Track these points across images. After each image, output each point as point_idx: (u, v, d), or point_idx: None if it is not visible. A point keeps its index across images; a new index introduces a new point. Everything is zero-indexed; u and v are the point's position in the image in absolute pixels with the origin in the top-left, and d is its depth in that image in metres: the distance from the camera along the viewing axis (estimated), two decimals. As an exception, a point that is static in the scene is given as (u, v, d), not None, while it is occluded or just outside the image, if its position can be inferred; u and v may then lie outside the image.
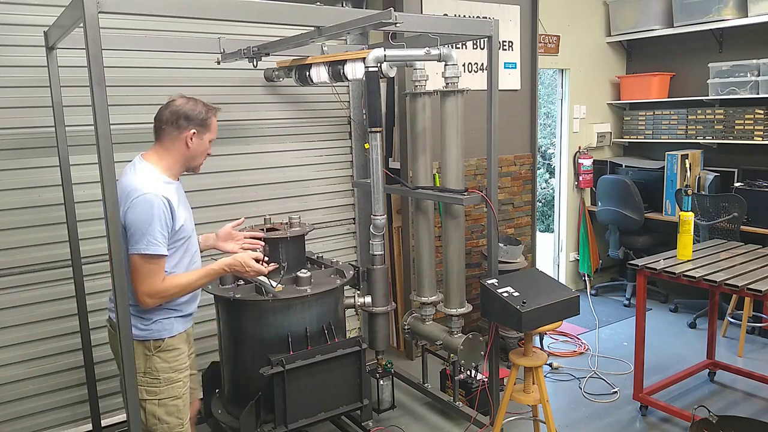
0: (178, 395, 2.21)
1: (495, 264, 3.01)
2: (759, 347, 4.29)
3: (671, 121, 5.21)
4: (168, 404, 2.18)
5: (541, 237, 5.78)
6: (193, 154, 2.22)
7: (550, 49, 5.01)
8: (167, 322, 2.19)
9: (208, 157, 2.34)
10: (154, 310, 2.15)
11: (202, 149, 2.24)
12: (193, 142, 2.19)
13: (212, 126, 2.25)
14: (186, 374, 2.26)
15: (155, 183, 2.10)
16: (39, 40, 2.75)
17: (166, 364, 2.18)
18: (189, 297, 2.27)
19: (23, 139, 2.97)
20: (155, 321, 2.15)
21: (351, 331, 3.98)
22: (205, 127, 2.22)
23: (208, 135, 2.24)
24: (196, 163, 2.27)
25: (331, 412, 2.73)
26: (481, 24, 2.81)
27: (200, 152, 2.24)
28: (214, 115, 2.26)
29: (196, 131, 2.19)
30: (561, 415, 3.41)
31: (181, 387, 2.22)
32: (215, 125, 2.27)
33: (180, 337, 2.24)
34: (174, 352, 2.20)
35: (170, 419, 2.19)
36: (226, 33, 3.22)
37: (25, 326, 3.04)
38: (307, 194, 3.96)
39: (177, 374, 2.21)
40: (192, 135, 2.18)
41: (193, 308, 2.33)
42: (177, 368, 2.21)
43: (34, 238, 3.04)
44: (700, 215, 4.51)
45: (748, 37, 4.74)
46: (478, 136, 3.76)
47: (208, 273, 2.22)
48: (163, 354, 2.17)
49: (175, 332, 2.21)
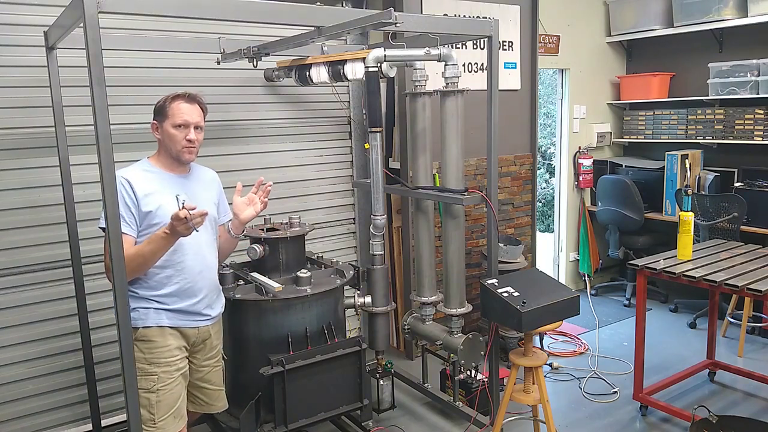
0: (149, 388, 2.18)
1: (495, 264, 3.01)
2: (759, 347, 4.29)
3: (671, 121, 5.21)
4: (140, 395, 2.12)
5: (541, 237, 5.78)
6: (165, 143, 2.30)
7: (550, 49, 5.01)
8: (143, 311, 2.20)
9: (208, 156, 2.37)
10: (134, 299, 2.18)
11: (170, 136, 2.27)
12: (159, 133, 2.30)
13: (170, 111, 2.26)
14: (166, 370, 2.23)
15: (128, 168, 2.23)
16: (39, 40, 2.75)
17: (141, 354, 2.18)
18: (175, 290, 2.24)
19: (23, 139, 2.97)
20: (133, 309, 2.16)
21: (351, 331, 3.98)
22: (163, 114, 2.27)
23: (167, 122, 2.26)
24: (174, 150, 2.29)
25: (331, 412, 2.73)
26: (481, 24, 2.81)
27: (169, 139, 2.27)
28: (175, 100, 2.27)
29: (157, 121, 2.29)
30: (561, 415, 3.41)
31: (154, 381, 2.20)
32: (176, 110, 2.25)
33: (159, 331, 2.22)
34: (150, 344, 2.19)
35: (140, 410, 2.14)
36: (226, 33, 3.22)
37: (25, 326, 3.04)
38: (307, 194, 3.96)
39: (152, 367, 2.19)
40: (155, 126, 2.30)
41: (187, 305, 2.28)
42: (153, 361, 2.20)
43: (34, 238, 3.03)
44: (700, 215, 4.51)
45: (748, 37, 4.74)
46: (478, 136, 3.77)
47: (150, 239, 2.13)
48: (139, 344, 2.18)
49: (150, 323, 2.21)
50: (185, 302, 2.28)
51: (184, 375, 2.31)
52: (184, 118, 2.26)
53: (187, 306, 2.28)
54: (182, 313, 2.28)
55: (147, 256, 2.12)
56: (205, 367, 2.44)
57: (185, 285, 2.27)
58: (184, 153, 2.29)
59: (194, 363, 2.40)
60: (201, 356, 2.41)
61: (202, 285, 2.33)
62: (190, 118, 2.27)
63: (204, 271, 2.33)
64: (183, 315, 2.28)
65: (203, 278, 2.33)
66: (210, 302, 2.38)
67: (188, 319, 2.30)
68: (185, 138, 2.26)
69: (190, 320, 2.31)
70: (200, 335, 2.37)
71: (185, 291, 2.27)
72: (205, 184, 2.46)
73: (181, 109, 2.26)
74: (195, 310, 2.31)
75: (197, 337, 2.36)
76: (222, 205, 2.55)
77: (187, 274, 2.27)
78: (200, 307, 2.33)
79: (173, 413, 2.25)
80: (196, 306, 2.31)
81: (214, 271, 2.41)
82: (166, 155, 2.31)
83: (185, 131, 2.26)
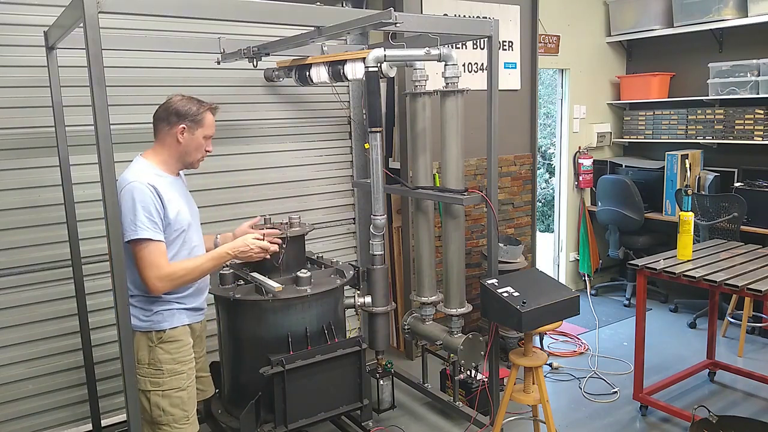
0: (181, 387, 2.23)
1: (495, 264, 3.01)
2: (759, 347, 4.29)
3: (671, 121, 5.21)
4: (172, 396, 2.21)
5: (541, 237, 5.78)
6: (186, 149, 2.26)
7: (550, 49, 5.01)
8: (168, 313, 2.22)
9: (208, 156, 2.36)
10: (155, 301, 2.18)
11: (195, 145, 2.26)
12: (184, 137, 2.23)
13: (206, 122, 2.26)
14: (190, 366, 2.29)
15: (142, 173, 2.16)
16: (39, 40, 2.75)
17: (168, 355, 2.21)
18: (192, 290, 2.30)
19: (23, 139, 2.97)
20: (156, 312, 2.19)
21: (351, 331, 3.98)
22: (197, 122, 2.24)
23: (200, 131, 2.25)
24: (191, 158, 2.29)
25: (331, 412, 2.73)
26: (481, 24, 2.81)
27: (193, 148, 2.27)
28: (209, 112, 2.27)
29: (186, 126, 2.23)
30: (561, 415, 3.41)
31: (184, 379, 2.25)
32: (210, 121, 2.28)
33: (183, 330, 2.27)
34: (176, 344, 2.23)
35: (174, 410, 2.22)
36: (226, 33, 3.22)
37: (25, 326, 3.04)
38: (307, 194, 3.96)
39: (180, 366, 2.23)
40: (182, 130, 2.23)
41: (199, 302, 2.36)
42: (180, 360, 2.24)
43: (34, 238, 3.03)
44: (700, 215, 4.51)
45: (748, 37, 4.74)
46: (478, 136, 3.76)
47: (214, 256, 2.27)
48: (165, 345, 2.21)
49: (176, 324, 2.24)
50: (197, 300, 2.36)
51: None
52: (214, 131, 2.32)
53: (199, 303, 2.37)
54: (195, 310, 2.35)
55: (206, 271, 2.27)
56: (201, 358, 2.54)
57: (200, 284, 2.36)
58: (199, 162, 2.34)
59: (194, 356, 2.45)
60: (198, 348, 2.48)
61: (207, 282, 2.45)
62: (214, 131, 2.33)
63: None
64: (195, 312, 2.35)
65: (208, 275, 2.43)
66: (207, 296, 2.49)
67: (198, 315, 2.38)
68: (206, 149, 2.32)
69: (198, 315, 2.39)
70: (201, 328, 2.47)
71: (200, 290, 2.37)
72: (186, 185, 2.49)
73: (212, 122, 2.30)
74: (201, 306, 2.40)
75: (200, 331, 2.46)
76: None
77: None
78: (204, 303, 2.43)
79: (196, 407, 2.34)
80: (203, 303, 2.41)
81: None
82: (175, 160, 2.29)
83: (208, 143, 2.32)
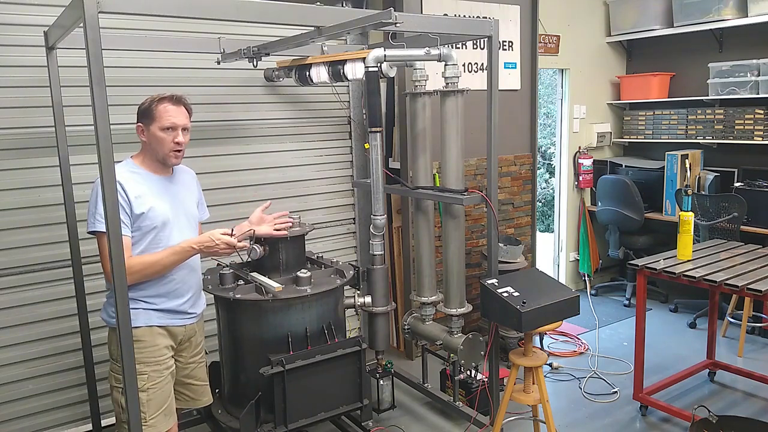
0: (140, 388, 2.16)
1: (495, 264, 3.01)
2: (759, 347, 4.29)
3: (671, 121, 5.21)
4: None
5: (541, 237, 5.78)
6: (150, 146, 2.27)
7: (550, 49, 5.01)
8: (132, 312, 2.16)
9: (208, 156, 2.35)
10: None
11: (155, 139, 2.24)
12: (145, 135, 2.26)
13: (157, 114, 2.22)
14: (156, 369, 2.24)
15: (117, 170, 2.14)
16: (39, 40, 2.75)
17: None
18: (164, 290, 2.26)
19: (23, 139, 2.97)
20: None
21: (351, 331, 3.98)
22: (150, 118, 2.23)
23: (155, 125, 2.23)
24: (160, 154, 2.26)
25: (331, 412, 2.73)
26: (481, 24, 2.81)
27: (156, 142, 2.24)
28: (162, 102, 2.23)
29: (142, 124, 2.25)
30: (561, 415, 3.41)
31: (144, 380, 2.20)
32: (163, 112, 2.22)
33: (148, 330, 2.23)
34: (139, 344, 2.17)
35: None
36: (226, 33, 3.21)
37: (25, 326, 3.04)
38: (307, 194, 3.96)
39: (141, 366, 2.17)
40: (140, 129, 2.26)
41: (176, 305, 2.30)
42: (142, 361, 2.19)
43: (34, 238, 3.03)
44: (700, 215, 4.51)
45: (748, 37, 4.74)
46: (478, 136, 3.76)
47: (176, 251, 2.20)
48: None
49: (140, 323, 2.20)
50: (173, 302, 2.30)
51: (172, 373, 2.34)
52: (172, 121, 2.23)
53: (175, 306, 2.31)
54: (170, 313, 2.30)
55: (168, 266, 2.20)
56: (191, 364, 2.48)
57: (174, 286, 2.29)
58: (171, 157, 2.27)
59: (180, 361, 2.43)
60: (187, 354, 2.44)
61: (190, 285, 2.37)
62: (177, 120, 2.24)
63: (191, 272, 2.37)
64: (171, 314, 2.30)
65: (190, 278, 2.37)
66: (195, 301, 2.42)
67: (176, 318, 2.33)
68: (173, 141, 2.24)
69: (177, 319, 2.33)
70: (187, 333, 2.40)
71: (173, 292, 2.30)
72: (187, 186, 2.46)
73: (169, 112, 2.23)
74: (182, 310, 2.34)
75: (184, 335, 2.39)
76: (201, 205, 2.57)
77: (176, 276, 2.29)
78: (186, 307, 2.36)
79: (164, 411, 2.27)
80: (183, 306, 2.34)
81: (198, 271, 2.45)
82: (152, 158, 2.29)
83: (173, 134, 2.24)
